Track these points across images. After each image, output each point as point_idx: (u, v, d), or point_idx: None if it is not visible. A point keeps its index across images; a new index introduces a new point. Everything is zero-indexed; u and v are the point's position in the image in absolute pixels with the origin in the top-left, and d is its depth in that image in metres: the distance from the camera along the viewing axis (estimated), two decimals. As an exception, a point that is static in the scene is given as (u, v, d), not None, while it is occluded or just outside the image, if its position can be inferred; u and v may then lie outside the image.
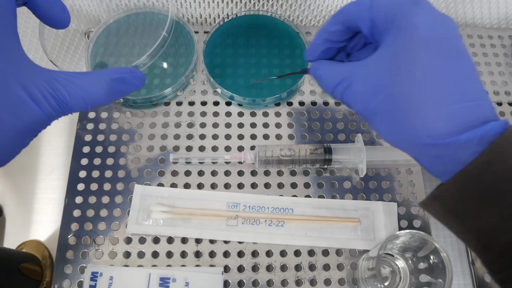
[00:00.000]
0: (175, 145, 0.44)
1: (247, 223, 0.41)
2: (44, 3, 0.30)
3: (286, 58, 0.48)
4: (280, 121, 0.46)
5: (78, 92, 0.29)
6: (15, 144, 0.27)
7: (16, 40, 0.28)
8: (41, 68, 0.29)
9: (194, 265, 0.39)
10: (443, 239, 0.43)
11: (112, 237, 0.40)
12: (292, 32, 0.49)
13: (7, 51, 0.27)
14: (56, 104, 0.28)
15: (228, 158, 0.42)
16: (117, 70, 0.31)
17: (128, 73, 0.32)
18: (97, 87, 0.30)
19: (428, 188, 0.44)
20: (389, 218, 0.42)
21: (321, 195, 0.43)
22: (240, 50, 0.48)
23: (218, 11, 0.50)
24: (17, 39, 0.28)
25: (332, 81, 0.28)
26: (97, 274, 0.38)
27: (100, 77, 0.30)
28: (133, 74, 0.32)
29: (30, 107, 0.27)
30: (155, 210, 0.40)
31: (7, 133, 0.26)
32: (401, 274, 0.40)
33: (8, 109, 0.26)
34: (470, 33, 0.53)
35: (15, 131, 0.27)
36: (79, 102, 0.30)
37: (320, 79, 0.30)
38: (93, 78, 0.30)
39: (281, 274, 0.39)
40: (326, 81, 0.29)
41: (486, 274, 0.40)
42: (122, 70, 0.32)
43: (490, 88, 0.50)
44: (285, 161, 0.42)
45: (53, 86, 0.28)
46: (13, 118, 0.26)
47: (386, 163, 0.44)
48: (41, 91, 0.28)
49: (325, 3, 0.50)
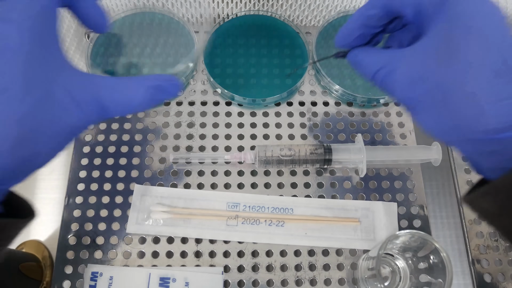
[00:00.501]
0: (175, 145, 0.44)
1: (247, 223, 0.41)
2: (85, 7, 0.31)
3: (286, 58, 0.48)
4: (280, 121, 0.46)
5: (118, 97, 0.29)
6: (55, 148, 0.27)
7: (57, 44, 0.28)
8: (83, 72, 0.29)
9: (194, 265, 0.39)
10: (443, 239, 0.43)
11: (112, 237, 0.40)
12: (292, 32, 0.49)
13: (49, 54, 0.27)
14: (97, 108, 0.29)
15: (228, 158, 0.42)
16: (156, 77, 0.31)
17: (166, 81, 0.32)
18: (136, 94, 0.30)
19: (428, 188, 0.44)
20: (389, 218, 0.42)
21: (321, 195, 0.43)
22: (240, 50, 0.48)
23: (218, 11, 0.50)
24: (58, 43, 0.28)
25: (372, 68, 0.27)
26: (97, 274, 0.38)
27: (140, 84, 0.30)
28: (171, 82, 0.32)
29: (72, 111, 0.27)
30: (155, 210, 0.40)
31: (48, 136, 0.26)
32: (401, 274, 0.40)
33: (50, 112, 0.26)
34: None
35: (55, 134, 0.27)
36: (118, 106, 0.30)
37: (359, 66, 0.29)
38: (133, 84, 0.30)
39: (281, 274, 0.40)
40: (365, 68, 0.28)
41: (486, 274, 0.40)
42: (161, 78, 0.32)
43: (490, 88, 0.50)
44: (285, 161, 0.42)
45: (94, 90, 0.29)
46: (55, 121, 0.27)
47: (386, 163, 0.44)
48: (83, 96, 0.28)
49: (325, 3, 0.50)
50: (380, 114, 0.47)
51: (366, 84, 0.47)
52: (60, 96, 0.27)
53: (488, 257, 0.41)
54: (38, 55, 0.26)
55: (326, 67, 0.47)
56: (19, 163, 0.26)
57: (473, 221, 0.43)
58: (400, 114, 0.47)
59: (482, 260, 0.41)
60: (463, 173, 0.45)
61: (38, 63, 0.26)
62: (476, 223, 0.43)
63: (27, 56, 0.26)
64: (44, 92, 0.26)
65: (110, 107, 0.29)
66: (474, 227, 0.42)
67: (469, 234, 0.42)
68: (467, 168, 0.45)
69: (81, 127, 0.28)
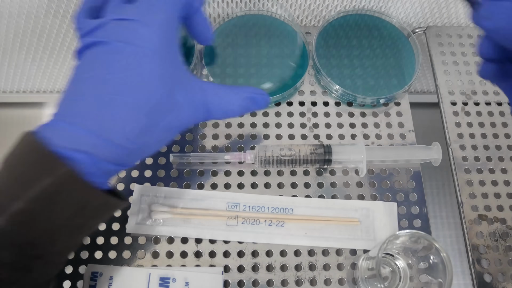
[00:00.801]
0: (175, 145, 0.44)
1: (247, 223, 0.41)
2: (196, 23, 0.36)
3: (286, 58, 0.48)
4: (280, 121, 0.46)
5: (221, 103, 0.34)
6: (163, 140, 0.32)
7: (179, 54, 0.32)
8: (197, 78, 0.34)
9: (194, 265, 0.39)
10: (443, 239, 0.43)
11: (112, 237, 0.40)
12: (292, 32, 0.49)
13: (174, 58, 0.32)
14: (203, 110, 0.33)
15: (228, 158, 0.42)
16: (251, 90, 0.36)
17: (259, 95, 0.37)
18: (235, 102, 0.35)
19: (428, 188, 0.44)
20: (389, 218, 0.42)
21: (321, 195, 0.43)
22: (240, 50, 0.48)
23: (218, 11, 0.50)
24: (179, 53, 0.33)
25: None
26: (97, 274, 0.38)
27: (238, 94, 0.35)
28: (262, 96, 0.37)
29: (186, 110, 0.32)
30: (155, 210, 0.40)
31: (163, 129, 0.31)
32: (401, 274, 0.40)
33: (170, 109, 0.31)
34: (470, 33, 0.53)
35: (169, 128, 0.31)
36: (220, 111, 0.34)
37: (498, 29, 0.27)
38: (233, 93, 0.35)
39: (281, 274, 0.40)
40: None
41: (486, 274, 0.40)
42: (255, 91, 0.36)
43: (490, 88, 0.50)
44: (285, 161, 0.42)
45: (205, 95, 0.33)
46: (172, 117, 0.31)
47: (386, 163, 0.44)
48: (195, 98, 0.33)
49: (325, 3, 0.50)
50: (380, 114, 0.47)
51: (366, 84, 0.47)
52: (179, 96, 0.31)
53: (488, 257, 0.41)
54: (168, 58, 0.31)
55: (326, 67, 0.47)
56: (137, 150, 0.30)
57: (473, 221, 0.43)
58: (400, 114, 0.47)
59: (482, 260, 0.41)
60: (463, 173, 0.45)
61: (168, 65, 0.30)
62: (476, 223, 0.43)
63: (161, 57, 0.30)
64: (168, 91, 0.30)
65: (213, 111, 0.34)
66: (474, 227, 0.42)
67: (469, 234, 0.42)
68: (467, 168, 0.45)
69: (188, 125, 0.33)
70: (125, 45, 0.28)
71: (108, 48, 0.29)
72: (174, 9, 0.32)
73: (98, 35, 0.29)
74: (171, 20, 0.31)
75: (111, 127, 0.28)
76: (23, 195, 0.25)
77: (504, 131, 0.47)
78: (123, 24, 0.29)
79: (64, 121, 0.28)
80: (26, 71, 0.61)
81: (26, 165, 0.26)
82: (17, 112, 0.69)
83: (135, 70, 0.28)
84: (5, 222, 0.25)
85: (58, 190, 0.26)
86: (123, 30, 0.29)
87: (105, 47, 0.29)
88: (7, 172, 0.27)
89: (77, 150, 0.27)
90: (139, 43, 0.29)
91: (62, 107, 0.29)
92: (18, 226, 0.26)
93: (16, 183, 0.26)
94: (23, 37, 0.53)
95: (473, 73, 0.51)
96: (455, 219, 0.43)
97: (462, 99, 0.49)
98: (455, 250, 0.42)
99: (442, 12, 0.52)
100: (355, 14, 0.51)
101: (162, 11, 0.30)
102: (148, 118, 0.29)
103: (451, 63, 0.51)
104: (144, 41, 0.29)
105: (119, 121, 0.28)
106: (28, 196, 0.25)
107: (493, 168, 0.45)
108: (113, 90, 0.28)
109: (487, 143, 0.46)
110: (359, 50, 0.49)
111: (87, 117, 0.28)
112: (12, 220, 0.25)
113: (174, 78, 0.31)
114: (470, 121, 0.48)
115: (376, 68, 0.48)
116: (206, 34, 0.38)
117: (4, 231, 0.25)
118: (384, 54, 0.49)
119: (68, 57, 0.59)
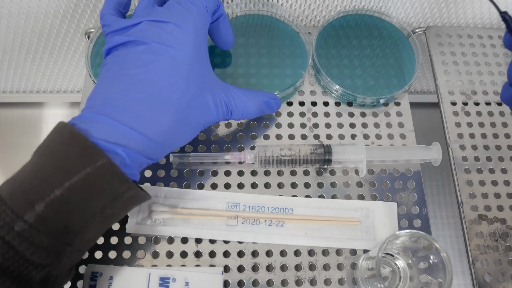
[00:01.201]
0: (175, 145, 0.44)
1: (247, 223, 0.41)
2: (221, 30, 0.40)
3: (286, 58, 0.48)
4: (280, 121, 0.46)
5: (241, 105, 0.37)
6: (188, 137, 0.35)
7: (207, 57, 0.35)
8: (220, 81, 0.37)
9: (194, 265, 0.39)
10: (443, 239, 0.43)
11: (112, 237, 0.40)
12: (292, 32, 0.49)
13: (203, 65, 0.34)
14: (225, 111, 0.36)
15: (228, 158, 0.42)
16: (267, 95, 0.40)
17: (274, 99, 0.41)
18: (253, 106, 0.38)
19: (428, 188, 0.44)
20: (389, 218, 0.42)
21: (321, 195, 0.43)
22: (240, 50, 0.48)
23: (218, 11, 0.50)
24: (208, 56, 0.35)
25: None
26: (97, 274, 0.38)
27: (256, 98, 0.39)
28: (276, 101, 0.41)
29: (210, 110, 0.35)
30: (155, 210, 0.40)
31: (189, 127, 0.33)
32: (401, 274, 0.40)
33: (196, 108, 0.33)
34: (470, 33, 0.53)
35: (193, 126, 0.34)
36: (239, 113, 0.37)
37: None
38: (252, 96, 0.38)
39: (281, 274, 0.40)
40: None
41: (486, 274, 0.40)
42: (270, 96, 0.41)
43: (490, 88, 0.50)
44: (285, 161, 0.42)
45: (227, 97, 0.36)
46: (200, 117, 0.34)
47: (386, 163, 0.44)
48: (220, 100, 0.35)
49: (325, 3, 0.50)
50: (380, 114, 0.47)
51: (366, 84, 0.47)
52: (207, 96, 0.34)
53: (488, 257, 0.41)
54: (199, 61, 0.33)
55: (326, 67, 0.47)
56: (166, 144, 0.32)
57: (473, 221, 0.43)
58: (400, 114, 0.47)
59: (482, 260, 0.41)
60: (463, 173, 0.45)
61: (198, 67, 0.33)
62: (476, 223, 0.43)
63: (194, 60, 0.32)
64: (199, 92, 0.33)
65: (233, 112, 0.37)
66: (474, 227, 0.42)
67: (469, 234, 0.42)
68: (467, 168, 0.45)
69: (210, 124, 0.36)
70: (164, 47, 0.31)
71: (147, 48, 0.31)
72: (206, 14, 0.34)
73: (134, 35, 0.31)
74: (203, 25, 0.34)
75: (146, 123, 0.30)
76: (63, 183, 0.27)
77: (504, 131, 0.47)
78: (160, 26, 0.31)
79: (102, 114, 0.29)
80: (26, 71, 0.61)
81: (66, 154, 0.27)
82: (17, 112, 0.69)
83: (171, 71, 0.31)
84: (44, 208, 0.26)
85: (96, 180, 0.27)
86: (160, 32, 0.31)
87: (144, 47, 0.31)
88: (47, 159, 0.28)
89: (114, 143, 0.28)
90: (176, 46, 0.31)
91: (98, 100, 0.30)
92: (55, 212, 0.27)
93: (56, 171, 0.27)
94: (23, 37, 0.53)
95: (473, 73, 0.51)
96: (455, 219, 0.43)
97: (462, 99, 0.49)
98: (455, 250, 0.42)
99: (442, 12, 0.52)
100: (355, 14, 0.51)
101: (195, 15, 0.33)
102: (179, 116, 0.31)
103: (451, 63, 0.51)
104: (180, 44, 0.31)
105: (154, 118, 0.30)
106: (68, 184, 0.27)
107: (493, 168, 0.45)
108: (150, 89, 0.30)
109: (487, 143, 0.46)
110: (359, 50, 0.49)
111: (124, 112, 0.29)
112: (50, 207, 0.26)
113: (204, 80, 0.33)
114: (470, 121, 0.48)
115: (376, 68, 0.48)
116: (227, 39, 0.41)
117: (43, 217, 0.26)
118: (384, 54, 0.49)
119: (68, 57, 0.59)
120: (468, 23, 0.55)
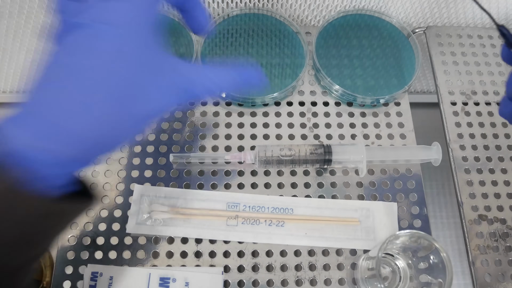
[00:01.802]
0: (175, 145, 0.44)
1: (247, 223, 0.41)
2: (191, 9, 0.34)
3: (286, 58, 0.48)
4: (280, 121, 0.46)
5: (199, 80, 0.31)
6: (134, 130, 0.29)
7: (152, 33, 0.30)
8: (170, 59, 0.31)
9: (194, 265, 0.39)
10: (443, 239, 0.43)
11: (112, 237, 0.40)
12: (292, 32, 0.49)
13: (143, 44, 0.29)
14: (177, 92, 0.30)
15: (228, 158, 0.42)
16: (240, 65, 0.34)
17: (249, 69, 0.34)
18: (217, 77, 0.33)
19: (428, 188, 0.44)
20: (389, 218, 0.42)
21: (321, 195, 0.43)
22: (240, 50, 0.48)
23: (218, 11, 0.50)
24: (153, 32, 0.30)
25: None
26: (97, 274, 0.38)
27: (223, 70, 0.33)
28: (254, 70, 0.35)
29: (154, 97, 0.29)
30: (155, 210, 0.40)
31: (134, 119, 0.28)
32: (401, 274, 0.40)
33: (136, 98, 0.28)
34: (470, 33, 0.53)
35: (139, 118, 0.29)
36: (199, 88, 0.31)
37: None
38: (216, 69, 0.33)
39: (281, 274, 0.40)
40: None
41: (486, 274, 0.40)
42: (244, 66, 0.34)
43: (490, 88, 0.50)
44: (285, 161, 0.42)
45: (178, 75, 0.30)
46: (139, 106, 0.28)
47: (386, 163, 0.44)
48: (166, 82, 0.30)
49: (325, 3, 0.50)
50: (380, 114, 0.47)
51: (366, 84, 0.47)
52: (145, 80, 0.28)
53: (488, 257, 0.41)
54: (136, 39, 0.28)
55: (326, 67, 0.47)
56: (98, 142, 0.27)
57: (473, 221, 0.43)
58: (400, 114, 0.47)
59: (482, 260, 0.41)
60: (463, 173, 0.45)
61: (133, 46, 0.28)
62: (476, 223, 0.43)
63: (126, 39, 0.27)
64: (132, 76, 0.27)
65: (191, 89, 0.31)
66: (474, 227, 0.42)
67: (469, 234, 0.42)
68: (467, 168, 0.45)
69: (159, 113, 0.30)
70: (104, 27, 0.26)
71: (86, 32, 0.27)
72: None
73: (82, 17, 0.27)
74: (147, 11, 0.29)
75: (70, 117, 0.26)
76: None
77: (504, 131, 0.47)
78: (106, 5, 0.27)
79: (30, 114, 0.26)
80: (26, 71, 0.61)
81: None
82: (17, 112, 0.69)
83: (109, 55, 0.26)
84: None
85: None
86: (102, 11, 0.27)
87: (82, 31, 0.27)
88: None
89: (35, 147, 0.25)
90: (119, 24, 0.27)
91: (29, 97, 0.26)
92: None
93: None
94: (23, 37, 0.53)
95: (473, 73, 0.51)
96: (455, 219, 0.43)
97: (462, 99, 0.49)
98: (455, 250, 0.42)
99: (442, 12, 0.52)
100: (355, 14, 0.51)
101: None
102: (108, 105, 0.26)
103: (451, 63, 0.51)
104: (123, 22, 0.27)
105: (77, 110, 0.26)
106: None
107: (493, 168, 0.45)
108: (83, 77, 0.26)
109: (487, 143, 0.46)
110: (359, 50, 0.49)
111: (50, 108, 0.26)
112: None
113: (140, 60, 0.28)
114: (470, 121, 0.48)
115: (376, 68, 0.48)
116: (200, 19, 0.35)
117: None
118: (384, 54, 0.49)
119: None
120: (468, 23, 0.55)
